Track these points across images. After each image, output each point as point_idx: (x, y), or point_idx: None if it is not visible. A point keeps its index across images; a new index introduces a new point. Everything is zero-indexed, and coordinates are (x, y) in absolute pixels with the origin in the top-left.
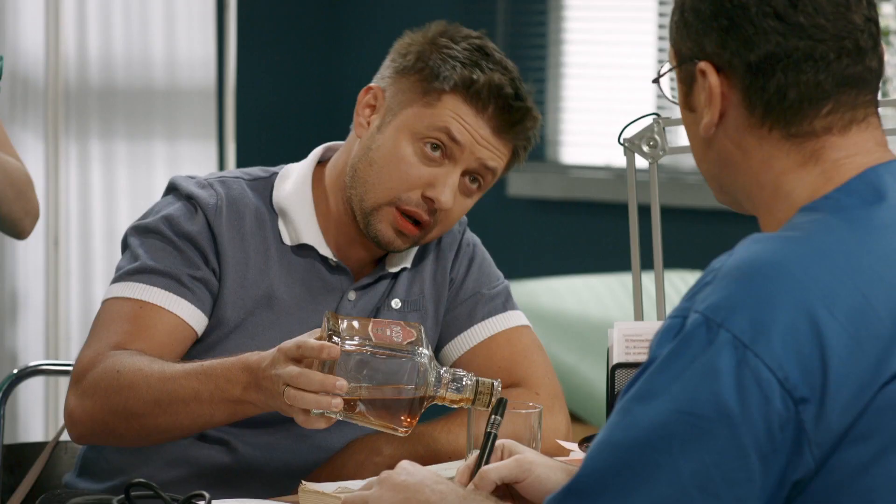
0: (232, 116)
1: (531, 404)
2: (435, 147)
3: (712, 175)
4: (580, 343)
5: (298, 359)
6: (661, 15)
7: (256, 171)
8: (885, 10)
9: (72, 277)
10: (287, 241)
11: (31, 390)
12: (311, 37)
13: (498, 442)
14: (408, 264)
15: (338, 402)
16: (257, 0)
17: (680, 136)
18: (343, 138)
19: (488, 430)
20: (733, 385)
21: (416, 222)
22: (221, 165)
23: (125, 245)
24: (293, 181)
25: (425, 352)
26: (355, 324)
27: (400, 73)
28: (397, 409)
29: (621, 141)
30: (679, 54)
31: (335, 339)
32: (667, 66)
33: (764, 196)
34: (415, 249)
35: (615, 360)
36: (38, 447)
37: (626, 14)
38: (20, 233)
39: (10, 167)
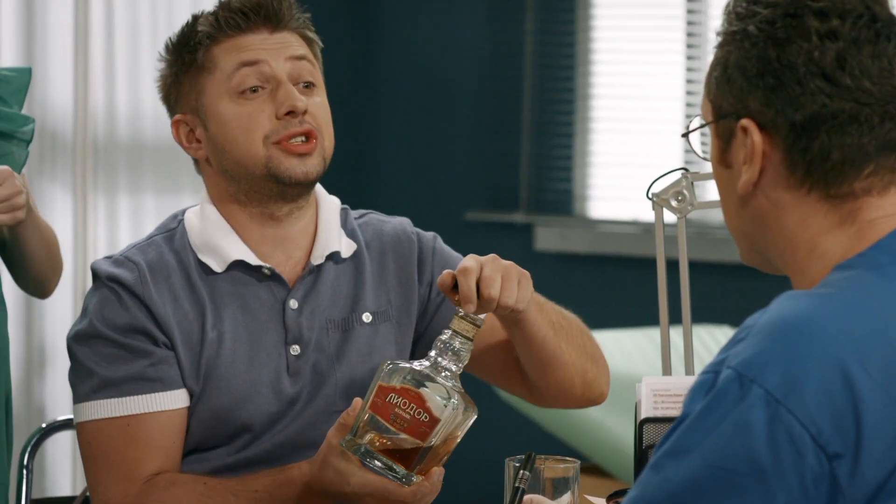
0: None
1: (568, 459)
2: (253, 89)
3: (743, 233)
4: (608, 397)
5: None
6: (689, 70)
7: (167, 221)
8: None
9: None
10: (216, 268)
11: (59, 444)
12: (338, 93)
13: (526, 497)
14: (339, 250)
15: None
16: None
17: (708, 191)
18: (368, 196)
19: (516, 484)
20: (766, 441)
21: (302, 139)
22: None
23: (72, 356)
24: (200, 216)
25: (445, 389)
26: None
27: (176, 89)
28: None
29: (649, 195)
30: (719, 109)
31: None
32: (699, 121)
33: (798, 256)
34: (336, 238)
35: (643, 414)
36: (65, 502)
37: (654, 69)
38: (45, 292)
39: (47, 231)
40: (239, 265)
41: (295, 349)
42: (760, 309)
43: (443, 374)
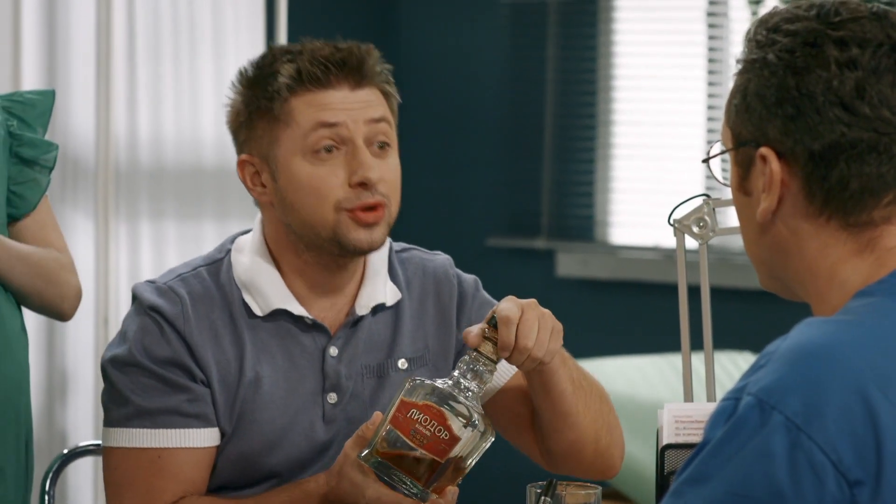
0: None
1: (590, 484)
2: (328, 149)
3: (762, 260)
4: (629, 424)
5: None
6: (711, 96)
7: (212, 253)
8: None
9: None
10: (258, 312)
11: (81, 470)
12: None
13: None
14: (385, 301)
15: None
16: None
17: (729, 217)
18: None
19: None
20: (786, 467)
21: (370, 208)
22: None
23: (106, 378)
24: (249, 252)
25: (464, 411)
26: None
27: (247, 130)
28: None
29: (671, 222)
30: (738, 137)
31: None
32: (719, 147)
33: (818, 284)
34: (382, 287)
35: (665, 441)
36: None
37: (675, 94)
38: (61, 316)
39: (33, 259)
40: (281, 312)
41: (332, 397)
42: (781, 335)
43: (465, 394)
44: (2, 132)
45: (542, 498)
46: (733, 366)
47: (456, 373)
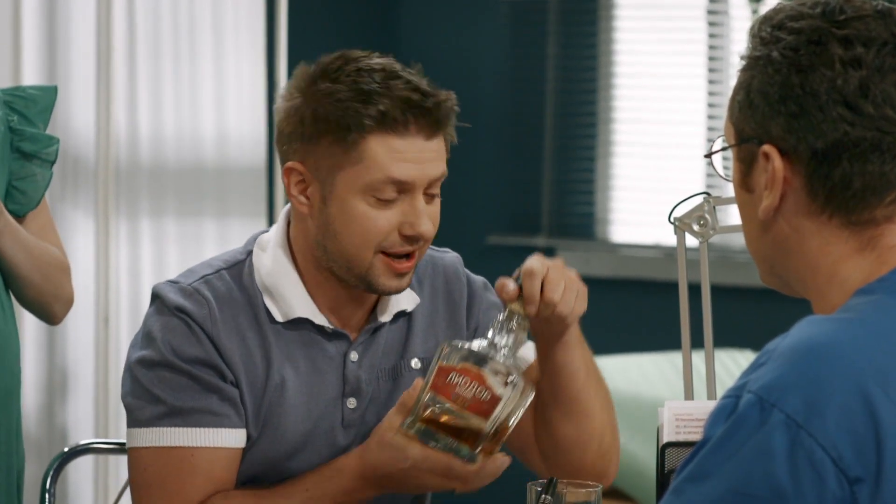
0: (282, 194)
1: (590, 483)
2: (390, 199)
3: (764, 257)
4: (630, 422)
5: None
6: (711, 94)
7: (235, 254)
8: None
9: (122, 355)
10: (279, 318)
11: (81, 468)
12: None
13: None
14: (406, 307)
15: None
16: None
17: (730, 215)
18: None
19: None
20: (787, 465)
21: (407, 255)
22: None
23: (133, 379)
24: (271, 255)
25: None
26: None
27: (308, 142)
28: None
29: (671, 220)
30: (741, 133)
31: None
32: (721, 142)
33: (818, 281)
34: (404, 296)
35: (665, 439)
36: None
37: (676, 93)
38: (51, 317)
39: (37, 251)
40: (303, 319)
41: (351, 402)
42: (782, 333)
43: (501, 352)
44: (2, 128)
45: (543, 496)
46: (734, 364)
47: (490, 332)
